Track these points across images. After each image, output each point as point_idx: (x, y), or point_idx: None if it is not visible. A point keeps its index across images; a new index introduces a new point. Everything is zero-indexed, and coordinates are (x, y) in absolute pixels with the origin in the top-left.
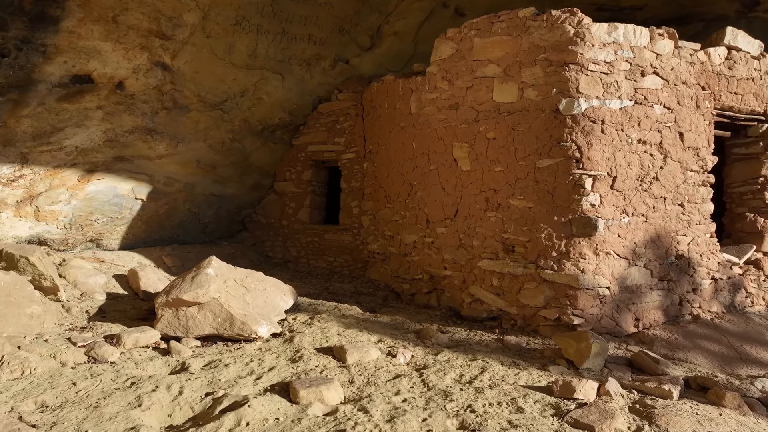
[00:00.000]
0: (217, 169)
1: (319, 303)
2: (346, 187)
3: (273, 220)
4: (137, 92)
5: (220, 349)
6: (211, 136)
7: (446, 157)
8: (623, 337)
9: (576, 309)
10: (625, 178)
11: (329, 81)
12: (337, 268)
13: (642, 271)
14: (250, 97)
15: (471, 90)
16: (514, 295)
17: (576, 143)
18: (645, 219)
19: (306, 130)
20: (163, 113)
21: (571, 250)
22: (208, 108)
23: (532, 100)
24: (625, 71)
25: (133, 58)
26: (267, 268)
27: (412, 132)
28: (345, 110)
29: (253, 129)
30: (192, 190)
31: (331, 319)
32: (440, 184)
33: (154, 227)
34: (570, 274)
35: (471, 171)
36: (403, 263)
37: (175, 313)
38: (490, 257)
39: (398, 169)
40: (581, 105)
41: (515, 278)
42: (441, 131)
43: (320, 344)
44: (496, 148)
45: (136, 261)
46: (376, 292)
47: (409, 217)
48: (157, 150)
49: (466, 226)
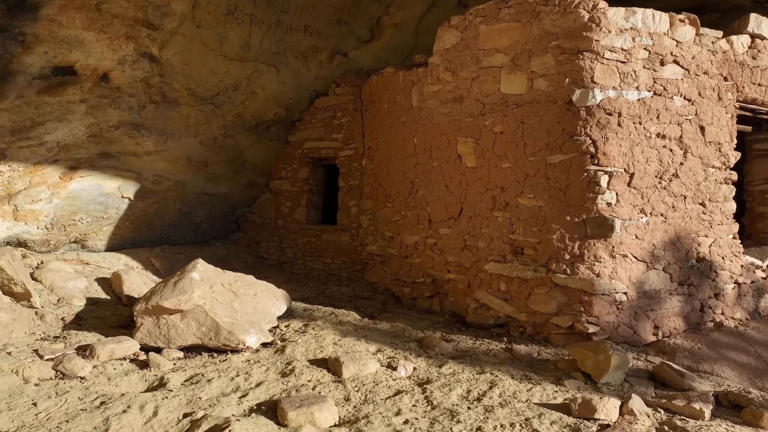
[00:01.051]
0: (209, 167)
1: (315, 308)
2: (344, 185)
3: (268, 219)
4: (123, 85)
5: (204, 361)
6: (202, 131)
7: (450, 153)
8: (641, 347)
9: (591, 316)
10: (643, 175)
11: (326, 75)
12: (335, 270)
13: (661, 275)
14: (244, 90)
15: (476, 81)
16: (523, 300)
17: (590, 137)
18: (664, 219)
19: (302, 126)
20: (151, 107)
21: (586, 252)
22: (198, 102)
23: (542, 91)
24: (644, 60)
25: (119, 48)
26: (261, 270)
27: (414, 127)
28: (343, 105)
29: (247, 124)
30: (183, 189)
31: (327, 327)
32: (443, 182)
33: (142, 227)
34: (584, 278)
35: (476, 168)
36: (403, 265)
37: (156, 322)
38: (497, 260)
39: (399, 166)
40: (596, 96)
41: (524, 282)
42: (444, 126)
43: (314, 355)
44: (504, 143)
45: (122, 263)
46: (375, 296)
47: (410, 217)
48: (145, 146)
49: (471, 227)
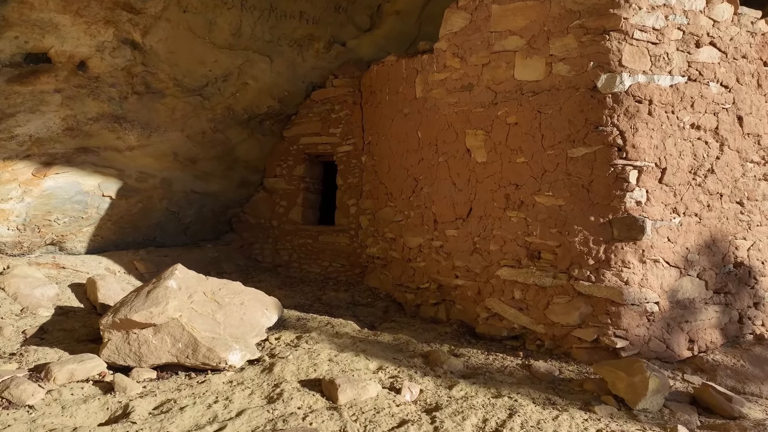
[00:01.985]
0: (197, 164)
1: (309, 317)
2: (342, 183)
3: (262, 220)
4: (102, 74)
5: (179, 383)
6: (189, 125)
7: (458, 147)
8: (676, 363)
9: (619, 329)
10: (675, 171)
11: (323, 65)
12: (332, 274)
13: (695, 282)
14: (234, 81)
15: (488, 67)
16: (540, 310)
17: (618, 128)
18: (698, 219)
19: (298, 120)
20: (134, 98)
21: (612, 257)
22: (185, 93)
23: (563, 77)
24: (677, 41)
25: (97, 34)
26: (254, 274)
27: (418, 119)
28: (341, 98)
29: (238, 118)
30: (170, 187)
31: (322, 339)
32: (450, 179)
33: (126, 228)
34: (611, 286)
35: (487, 163)
36: (406, 270)
37: (125, 337)
38: (510, 265)
39: (401, 162)
40: (624, 81)
41: (542, 290)
42: (451, 117)
43: (306, 374)
44: (519, 136)
45: (103, 266)
46: (376, 303)
47: (413, 217)
48: (127, 141)
49: (482, 228)
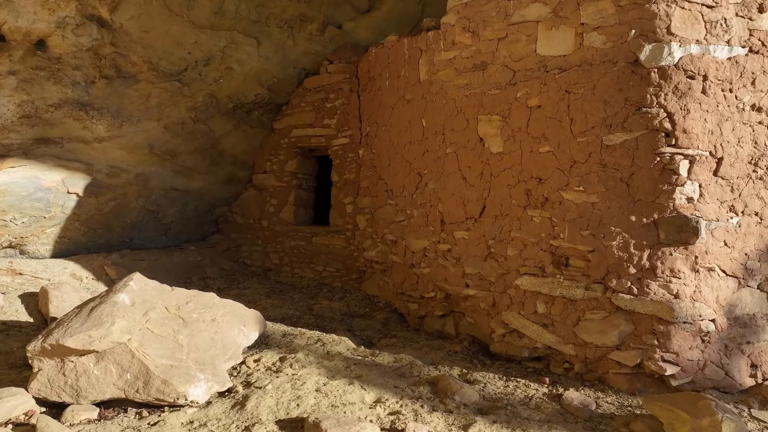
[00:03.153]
0: (177, 157)
1: (297, 333)
2: (338, 179)
3: (251, 220)
4: (65, 54)
5: (124, 425)
6: (167, 114)
7: (468, 135)
8: (737, 394)
9: (668, 352)
10: (733, 161)
11: (317, 49)
12: (327, 280)
13: (756, 295)
14: (217, 66)
15: (504, 42)
16: (569, 327)
17: (665, 109)
18: (759, 220)
19: (289, 111)
20: (102, 83)
21: (658, 264)
22: (162, 78)
23: (597, 50)
24: (736, 4)
25: (56, 8)
26: (241, 279)
27: (422, 105)
28: (336, 85)
29: (222, 107)
30: (146, 183)
31: (310, 362)
32: (460, 173)
33: (97, 229)
34: (658, 300)
35: (504, 153)
36: (409, 276)
37: (60, 367)
38: (532, 273)
39: (403, 155)
40: (674, 52)
41: (571, 304)
42: (461, 101)
43: (287, 411)
44: (542, 121)
45: (68, 272)
46: (374, 314)
47: (417, 217)
48: (96, 131)
49: (497, 230)
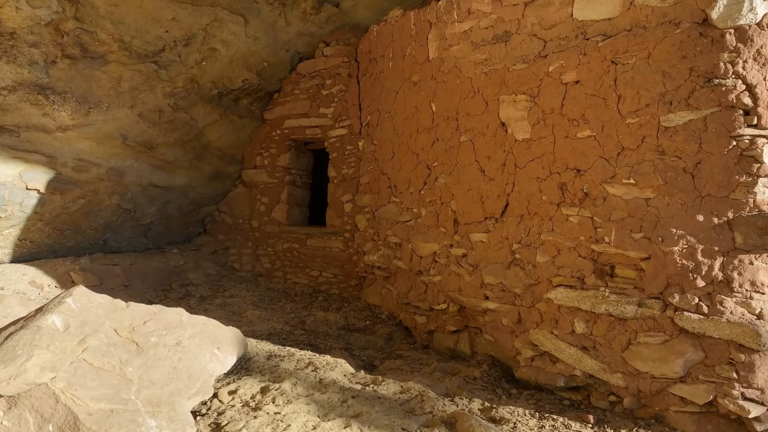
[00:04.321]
0: (156, 150)
1: (285, 354)
2: (335, 175)
3: (240, 220)
4: (19, 29)
5: None
6: (141, 100)
7: (488, 120)
8: None
9: (751, 387)
10: None
11: (312, 30)
12: (323, 286)
13: None
14: (199, 46)
15: (533, 6)
16: (616, 352)
17: (744, 80)
18: None
19: (281, 99)
20: (65, 64)
21: (735, 276)
22: (135, 60)
23: (653, 9)
24: None
25: None
26: (228, 285)
27: (431, 87)
28: (334, 70)
29: (206, 94)
30: (121, 179)
31: (298, 394)
32: (477, 164)
33: (65, 230)
34: (737, 321)
35: (532, 140)
36: (416, 285)
37: None
38: (569, 284)
39: (409, 145)
40: (756, 8)
41: (620, 323)
42: (479, 80)
43: None
44: (581, 99)
45: (28, 279)
46: (376, 328)
47: (425, 217)
48: (59, 118)
49: (524, 231)
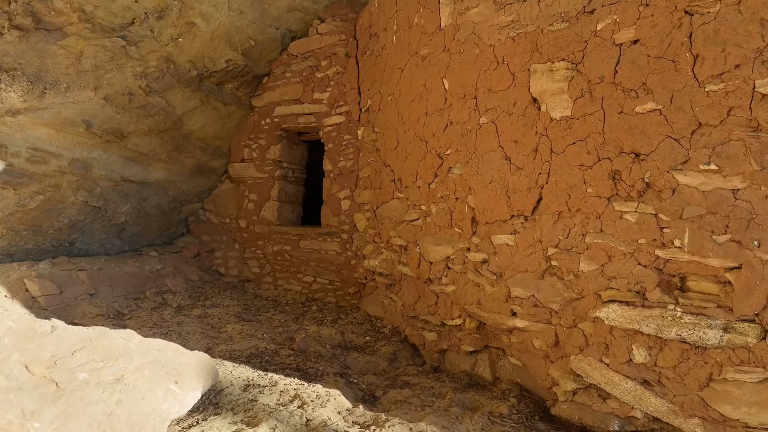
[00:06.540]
0: (128, 140)
1: (267, 383)
2: (331, 168)
3: (227, 219)
4: None
5: None
6: (107, 81)
7: (515, 96)
8: None
9: None
10: None
11: (305, 5)
12: (317, 294)
13: None
14: (174, 20)
15: None
16: (692, 390)
17: None
18: None
19: (271, 83)
20: (13, 36)
21: None
22: (99, 34)
23: None
24: None
25: None
26: (212, 293)
27: (444, 61)
28: (329, 49)
29: (183, 75)
30: (87, 172)
31: None
32: (501, 151)
33: (21, 230)
34: None
35: (573, 119)
36: (425, 295)
37: None
38: (624, 300)
39: (416, 131)
40: None
41: (696, 353)
42: (504, 47)
43: None
44: (641, 64)
45: None
46: (377, 345)
47: (436, 215)
48: (6, 100)
49: (563, 232)
